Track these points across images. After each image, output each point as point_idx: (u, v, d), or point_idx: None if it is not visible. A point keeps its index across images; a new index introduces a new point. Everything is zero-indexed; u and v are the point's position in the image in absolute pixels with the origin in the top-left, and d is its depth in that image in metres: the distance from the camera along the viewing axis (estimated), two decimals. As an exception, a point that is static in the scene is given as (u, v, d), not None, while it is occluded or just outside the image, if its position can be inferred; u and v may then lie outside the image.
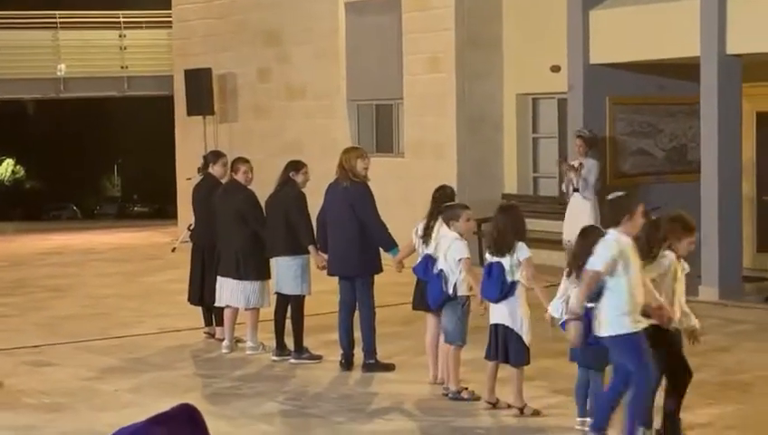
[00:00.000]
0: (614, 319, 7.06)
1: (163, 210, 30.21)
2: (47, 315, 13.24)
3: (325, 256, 10.23)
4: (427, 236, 9.14)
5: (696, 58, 13.46)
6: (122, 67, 23.64)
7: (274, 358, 10.57)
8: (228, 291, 10.93)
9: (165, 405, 8.99)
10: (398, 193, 16.76)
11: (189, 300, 11.75)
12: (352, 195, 9.92)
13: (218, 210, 11.06)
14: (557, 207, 16.20)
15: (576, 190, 13.89)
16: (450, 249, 8.72)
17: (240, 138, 20.72)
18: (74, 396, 9.41)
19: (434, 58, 17.15)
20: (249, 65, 20.46)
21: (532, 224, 16.52)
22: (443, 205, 9.10)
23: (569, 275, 7.68)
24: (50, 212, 45.35)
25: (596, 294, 7.17)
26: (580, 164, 13.91)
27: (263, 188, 11.09)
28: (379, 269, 10.08)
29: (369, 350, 10.01)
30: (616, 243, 7.10)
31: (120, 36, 23.60)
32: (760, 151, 15.53)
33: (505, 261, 8.20)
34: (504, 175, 17.35)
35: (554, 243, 14.90)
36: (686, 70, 14.46)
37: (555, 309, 7.79)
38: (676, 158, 16.10)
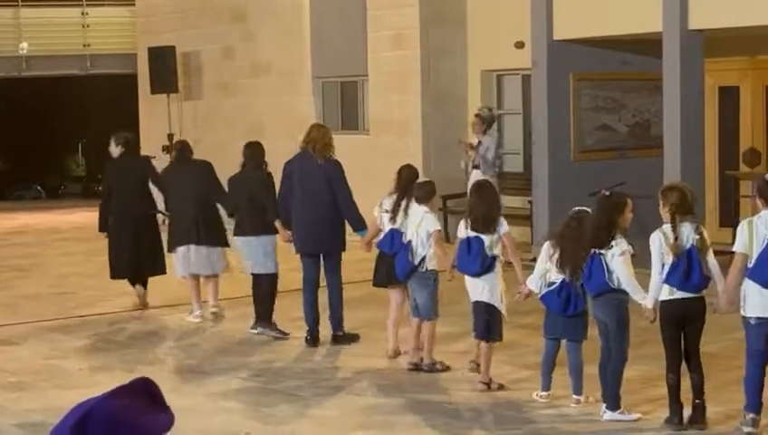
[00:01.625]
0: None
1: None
2: (10, 295, 13.17)
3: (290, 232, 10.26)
4: (395, 212, 9.27)
5: (658, 33, 13.51)
6: (85, 45, 23.44)
7: (253, 331, 10.65)
8: (190, 260, 11.16)
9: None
10: (363, 170, 16.73)
11: (117, 275, 11.88)
12: (329, 171, 9.99)
13: (174, 183, 11.37)
14: (521, 183, 16.31)
15: (476, 167, 14.59)
16: (422, 222, 8.94)
17: (205, 116, 20.65)
18: (38, 375, 9.39)
19: (398, 35, 17.13)
20: (214, 43, 20.35)
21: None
22: (416, 183, 9.30)
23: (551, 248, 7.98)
24: (14, 192, 45.00)
25: (574, 269, 7.72)
26: (479, 142, 14.66)
27: (228, 165, 11.06)
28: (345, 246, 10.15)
29: (339, 323, 10.07)
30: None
31: (82, 14, 23.39)
32: (722, 126, 15.64)
33: (486, 237, 8.38)
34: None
35: (519, 218, 14.99)
36: (649, 45, 14.52)
37: (534, 284, 8.04)
38: (639, 133, 16.18)
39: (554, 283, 7.91)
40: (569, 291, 7.80)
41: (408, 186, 9.32)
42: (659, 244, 7.39)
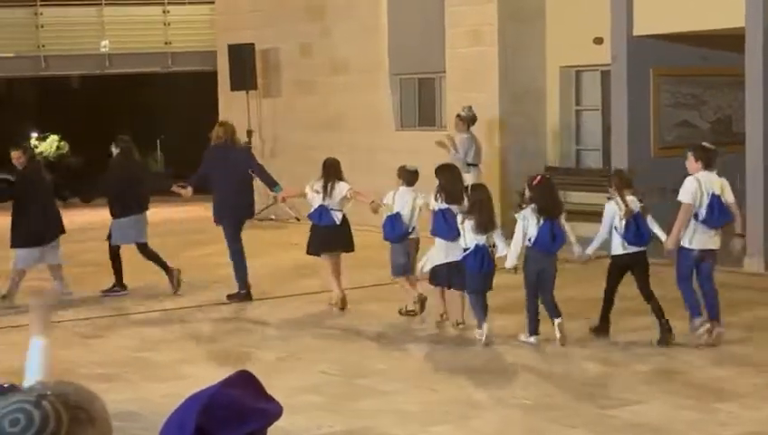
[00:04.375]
0: None
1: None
2: (94, 289, 13.44)
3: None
4: (324, 191, 11.65)
5: (740, 29, 13.38)
6: (166, 43, 23.78)
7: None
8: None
9: (216, 375, 9.13)
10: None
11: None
12: (249, 155, 13.26)
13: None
14: (600, 180, 16.21)
15: (470, 165, 15.28)
16: (416, 199, 11.13)
17: (283, 113, 20.85)
18: (127, 367, 9.60)
19: (476, 31, 17.15)
20: (292, 40, 20.54)
21: (575, 196, 16.59)
22: (406, 170, 11.40)
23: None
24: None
25: (484, 227, 10.04)
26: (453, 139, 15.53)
27: (305, 161, 11.21)
28: None
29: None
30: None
31: (163, 12, 23.72)
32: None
33: (455, 208, 10.44)
34: (546, 148, 17.35)
35: (598, 214, 14.90)
36: (730, 41, 14.37)
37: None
38: (721, 129, 16.02)
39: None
40: (482, 252, 10.02)
41: (333, 172, 11.80)
42: (612, 212, 9.94)
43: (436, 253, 10.58)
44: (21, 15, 23.68)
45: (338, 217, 11.74)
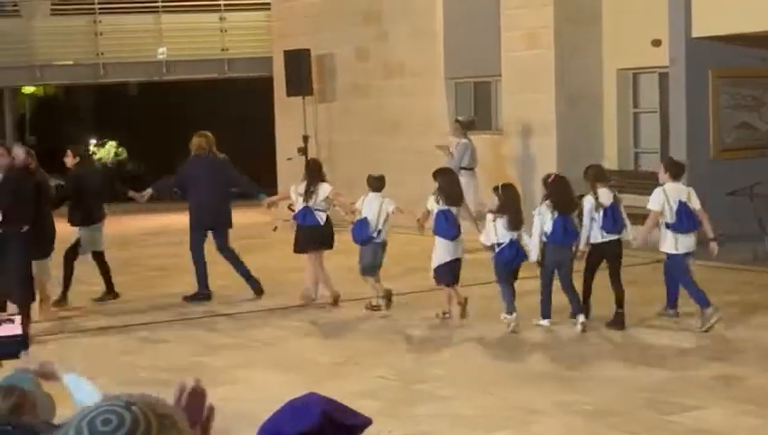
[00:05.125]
0: None
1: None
2: (154, 294, 13.57)
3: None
4: (307, 194, 12.18)
5: (801, 29, 13.22)
6: (223, 49, 23.93)
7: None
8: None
9: (275, 380, 9.20)
10: (496, 170, 16.76)
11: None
12: (230, 165, 13.31)
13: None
14: (657, 183, 16.06)
15: (464, 168, 15.69)
16: (383, 205, 11.80)
17: (339, 118, 20.91)
18: (187, 371, 9.66)
19: (532, 34, 17.08)
20: (347, 45, 20.59)
21: (634, 199, 16.45)
22: (372, 177, 12.08)
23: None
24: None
25: (516, 224, 10.69)
26: (456, 145, 16.04)
27: (360, 165, 11.23)
28: None
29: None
30: None
31: (220, 19, 23.89)
32: None
33: (454, 209, 11.15)
34: (603, 150, 17.23)
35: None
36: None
37: (487, 239, 10.85)
38: (781, 131, 15.83)
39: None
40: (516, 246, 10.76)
41: (315, 174, 12.34)
42: (590, 207, 10.71)
43: (441, 252, 11.22)
44: (80, 24, 23.97)
45: (321, 217, 12.28)
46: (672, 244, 10.60)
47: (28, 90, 35.52)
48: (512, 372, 9.36)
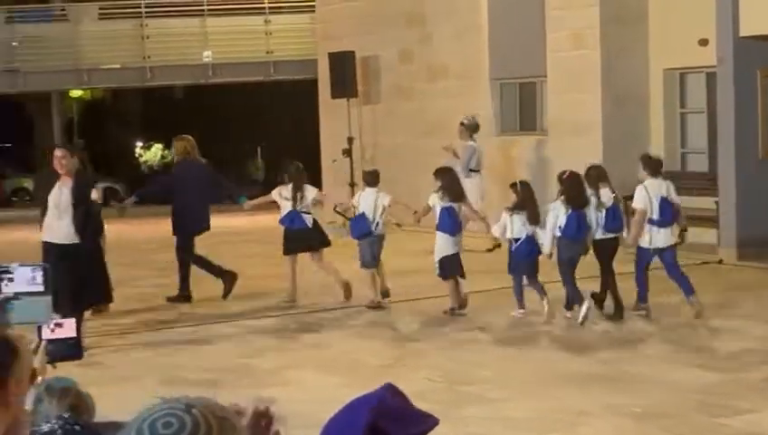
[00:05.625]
0: None
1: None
2: (204, 295, 13.62)
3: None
4: (294, 198, 12.46)
5: None
6: (268, 52, 24.03)
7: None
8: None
9: (326, 382, 9.19)
10: (541, 172, 16.69)
11: None
12: (210, 169, 13.53)
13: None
14: (706, 183, 15.91)
15: (472, 170, 16.21)
16: (379, 199, 12.24)
17: (383, 120, 20.93)
18: (234, 372, 9.71)
19: (578, 34, 17.00)
20: (392, 47, 20.60)
21: (681, 201, 16.31)
22: (366, 171, 12.90)
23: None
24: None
25: (535, 219, 11.23)
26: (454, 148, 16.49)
27: (404, 167, 11.22)
28: None
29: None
30: None
31: (265, 22, 23.99)
32: None
33: (456, 205, 11.61)
34: (650, 151, 17.06)
35: (704, 219, 14.67)
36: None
37: (497, 231, 11.59)
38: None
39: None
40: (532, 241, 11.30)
41: (300, 178, 12.63)
42: (593, 207, 11.14)
43: (444, 246, 11.60)
44: (127, 27, 24.17)
45: (309, 220, 12.67)
46: (647, 239, 11.06)
47: (76, 93, 35.90)
48: (559, 373, 9.30)
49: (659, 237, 11.08)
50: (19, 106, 35.39)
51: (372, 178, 12.56)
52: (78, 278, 10.16)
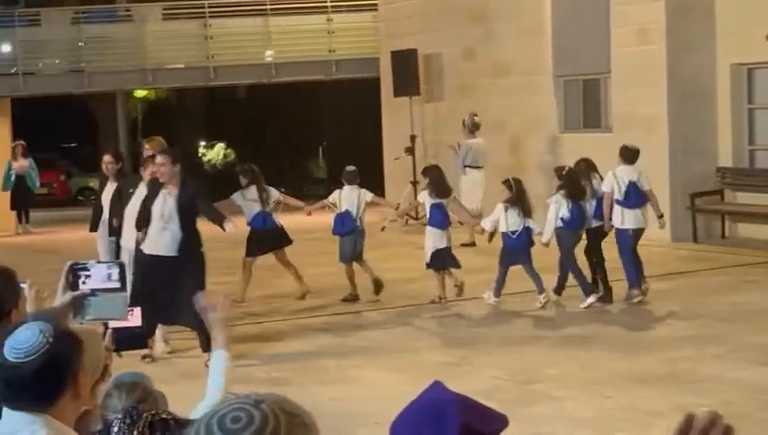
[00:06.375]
0: None
1: (369, 191, 30.40)
2: (269, 293, 13.69)
3: None
4: (261, 199, 12.73)
5: None
6: (330, 51, 24.06)
7: None
8: None
9: (386, 379, 9.16)
10: (605, 168, 16.51)
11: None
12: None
13: None
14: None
15: (468, 167, 17.04)
16: (360, 196, 12.80)
17: (446, 117, 20.87)
18: (299, 371, 9.74)
19: (643, 29, 16.81)
20: (454, 45, 20.54)
21: (749, 198, 16.11)
22: (346, 170, 13.10)
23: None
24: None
25: (529, 213, 11.91)
26: (459, 145, 17.32)
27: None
28: None
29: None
30: None
31: (327, 20, 24.02)
32: None
33: (444, 201, 12.23)
34: (717, 148, 16.88)
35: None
36: None
37: (488, 224, 12.14)
38: None
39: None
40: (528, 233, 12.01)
41: (261, 180, 12.92)
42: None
43: (435, 240, 12.16)
44: (190, 27, 24.34)
45: (277, 219, 13.04)
46: (619, 219, 11.90)
47: (140, 93, 36.29)
48: (625, 372, 9.21)
49: (631, 218, 11.86)
50: (84, 106, 35.85)
51: (352, 177, 12.99)
52: (174, 294, 9.44)
